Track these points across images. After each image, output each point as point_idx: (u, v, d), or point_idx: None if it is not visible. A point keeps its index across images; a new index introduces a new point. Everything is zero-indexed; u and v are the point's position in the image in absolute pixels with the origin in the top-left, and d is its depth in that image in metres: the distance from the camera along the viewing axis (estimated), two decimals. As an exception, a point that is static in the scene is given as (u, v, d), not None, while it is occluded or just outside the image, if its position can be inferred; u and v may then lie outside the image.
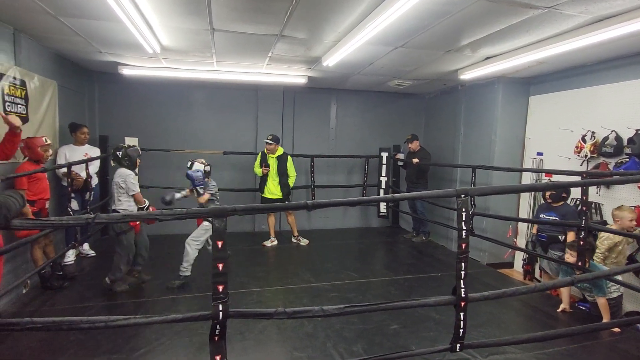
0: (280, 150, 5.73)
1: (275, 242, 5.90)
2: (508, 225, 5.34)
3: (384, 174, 6.91)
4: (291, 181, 5.80)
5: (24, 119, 3.90)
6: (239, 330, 3.09)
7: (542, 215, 4.27)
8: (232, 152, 6.33)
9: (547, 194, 4.26)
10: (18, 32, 3.79)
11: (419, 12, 3.00)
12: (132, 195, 3.83)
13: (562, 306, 3.66)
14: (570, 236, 3.98)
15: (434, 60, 4.56)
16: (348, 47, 3.81)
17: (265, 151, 5.75)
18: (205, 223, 4.04)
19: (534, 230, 4.52)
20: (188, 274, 4.07)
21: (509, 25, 3.28)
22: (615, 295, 3.40)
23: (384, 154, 6.92)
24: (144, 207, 3.92)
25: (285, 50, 4.30)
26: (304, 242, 5.99)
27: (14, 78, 3.71)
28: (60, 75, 4.77)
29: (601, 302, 3.30)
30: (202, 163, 4.15)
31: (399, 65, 4.90)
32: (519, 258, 5.34)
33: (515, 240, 5.32)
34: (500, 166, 5.19)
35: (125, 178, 3.79)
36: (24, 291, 3.80)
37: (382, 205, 7.02)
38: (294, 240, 6.02)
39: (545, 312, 3.69)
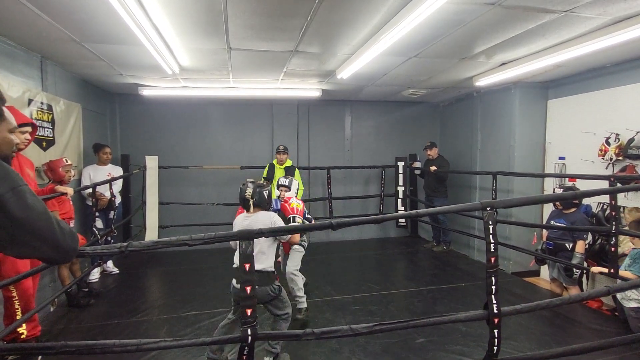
0: (289, 162, 5.69)
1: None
2: (533, 232, 5.20)
3: (400, 183, 6.86)
4: (300, 194, 5.46)
5: (51, 142, 4.04)
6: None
7: (552, 222, 4.17)
8: (249, 166, 6.40)
9: None
10: (45, 59, 3.96)
11: (433, 23, 3.00)
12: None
13: None
14: (579, 246, 3.88)
15: (448, 68, 4.55)
16: (362, 59, 3.84)
17: (276, 162, 5.67)
18: (296, 246, 3.73)
19: (544, 238, 4.37)
20: (305, 304, 3.60)
21: (524, 30, 3.25)
22: (633, 304, 3.18)
23: (400, 164, 6.87)
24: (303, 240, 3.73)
25: (300, 65, 4.36)
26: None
27: (42, 103, 3.86)
28: (84, 98, 4.95)
29: None
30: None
31: (412, 75, 4.90)
32: (546, 266, 5.18)
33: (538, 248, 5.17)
34: (520, 172, 5.10)
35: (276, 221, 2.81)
36: (52, 309, 3.88)
37: (401, 215, 6.94)
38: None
39: (578, 322, 3.56)
